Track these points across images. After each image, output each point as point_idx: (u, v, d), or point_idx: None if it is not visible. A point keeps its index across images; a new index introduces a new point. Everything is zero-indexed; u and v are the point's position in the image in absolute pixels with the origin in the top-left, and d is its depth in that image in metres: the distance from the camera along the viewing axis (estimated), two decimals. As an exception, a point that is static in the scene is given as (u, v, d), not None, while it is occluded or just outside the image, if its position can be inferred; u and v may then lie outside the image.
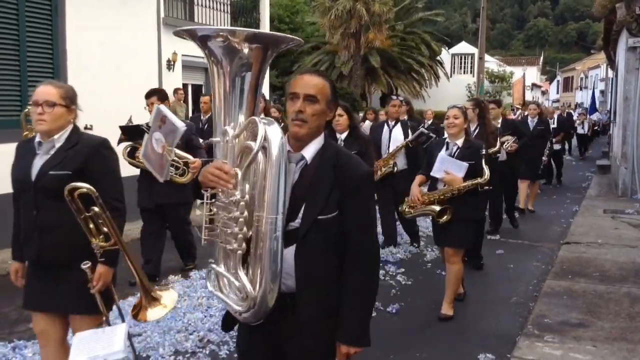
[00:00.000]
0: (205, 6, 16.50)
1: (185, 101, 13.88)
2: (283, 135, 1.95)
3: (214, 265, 2.12)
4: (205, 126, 7.41)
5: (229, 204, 1.95)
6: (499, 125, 7.47)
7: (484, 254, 6.63)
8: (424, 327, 4.57)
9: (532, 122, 9.61)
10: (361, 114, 13.02)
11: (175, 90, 12.82)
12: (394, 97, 7.12)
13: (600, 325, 4.39)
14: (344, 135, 5.50)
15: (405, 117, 7.02)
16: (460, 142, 4.64)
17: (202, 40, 1.99)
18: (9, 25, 6.64)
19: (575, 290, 5.23)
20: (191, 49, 15.58)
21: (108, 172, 2.92)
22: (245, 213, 1.93)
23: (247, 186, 1.97)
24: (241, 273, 2.01)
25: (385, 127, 6.89)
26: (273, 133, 1.91)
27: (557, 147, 12.21)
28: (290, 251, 2.08)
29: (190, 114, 15.08)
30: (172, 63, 14.96)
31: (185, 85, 15.35)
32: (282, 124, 9.13)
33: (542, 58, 59.40)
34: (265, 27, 19.42)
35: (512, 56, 62.13)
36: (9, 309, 4.79)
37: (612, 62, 17.81)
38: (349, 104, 6.04)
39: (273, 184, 1.91)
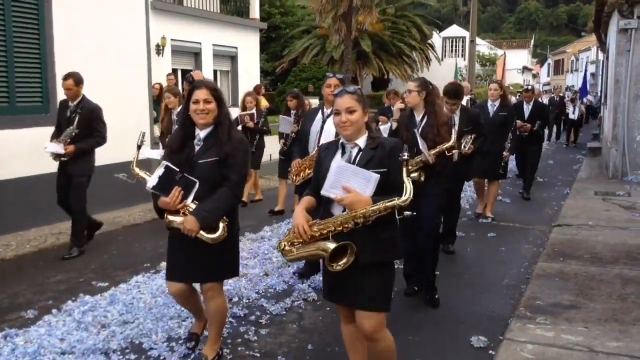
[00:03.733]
0: (194, -10, 16.29)
1: (176, 86, 13.76)
2: None
3: None
4: None
5: None
6: (457, 115, 5.71)
7: (476, 236, 6.65)
8: (416, 311, 4.56)
9: (492, 107, 7.70)
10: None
11: (167, 76, 12.71)
12: (330, 75, 5.23)
13: (592, 307, 4.41)
14: (204, 133, 3.35)
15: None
16: (362, 141, 2.91)
17: None
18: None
19: (567, 272, 5.26)
20: (180, 34, 15.48)
21: None
22: None
23: None
24: None
25: (319, 115, 5.19)
26: None
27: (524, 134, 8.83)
28: None
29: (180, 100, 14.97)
30: (161, 48, 14.83)
31: (174, 70, 15.23)
32: (262, 113, 8.44)
33: (532, 41, 59.49)
34: (255, 11, 19.29)
35: (503, 39, 62.19)
36: (0, 297, 4.76)
37: (602, 45, 17.80)
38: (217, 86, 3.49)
39: None
